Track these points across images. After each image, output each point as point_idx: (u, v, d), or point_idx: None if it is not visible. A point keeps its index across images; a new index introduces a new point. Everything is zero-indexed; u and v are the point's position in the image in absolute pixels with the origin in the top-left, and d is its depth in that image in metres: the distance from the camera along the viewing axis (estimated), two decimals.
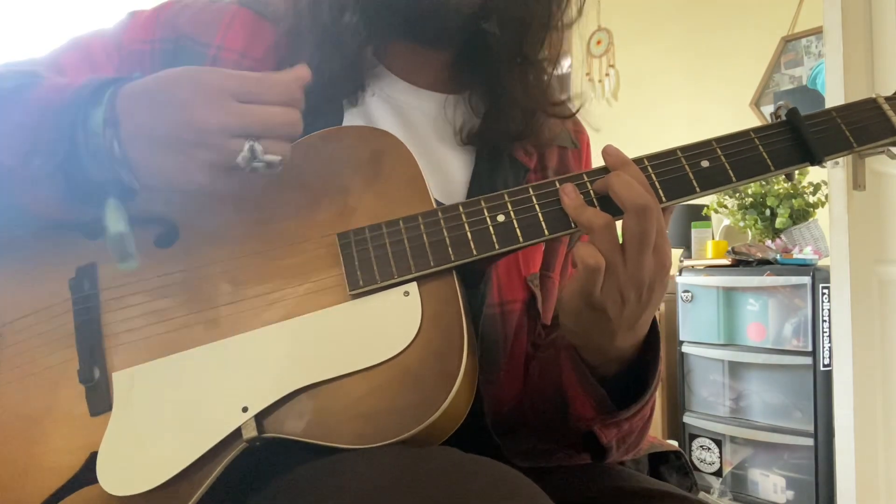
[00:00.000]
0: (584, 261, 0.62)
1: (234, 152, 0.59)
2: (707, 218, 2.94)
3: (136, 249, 0.63)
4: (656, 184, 0.67)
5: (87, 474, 0.62)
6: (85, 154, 0.61)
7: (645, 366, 0.71)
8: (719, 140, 0.70)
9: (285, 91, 0.62)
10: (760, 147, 0.70)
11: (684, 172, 0.68)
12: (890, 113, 0.72)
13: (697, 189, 0.68)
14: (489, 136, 0.80)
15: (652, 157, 0.69)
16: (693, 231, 2.98)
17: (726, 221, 2.92)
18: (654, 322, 0.70)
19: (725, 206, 2.79)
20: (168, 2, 0.81)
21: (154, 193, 0.65)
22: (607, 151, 0.67)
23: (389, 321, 0.63)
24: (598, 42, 3.75)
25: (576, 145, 0.89)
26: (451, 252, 0.65)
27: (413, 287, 0.64)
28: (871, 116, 0.72)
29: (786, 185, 2.64)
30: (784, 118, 0.71)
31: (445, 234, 0.66)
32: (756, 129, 0.71)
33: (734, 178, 0.68)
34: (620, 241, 0.63)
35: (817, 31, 2.88)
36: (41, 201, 0.66)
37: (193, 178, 0.61)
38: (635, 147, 0.70)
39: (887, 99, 0.73)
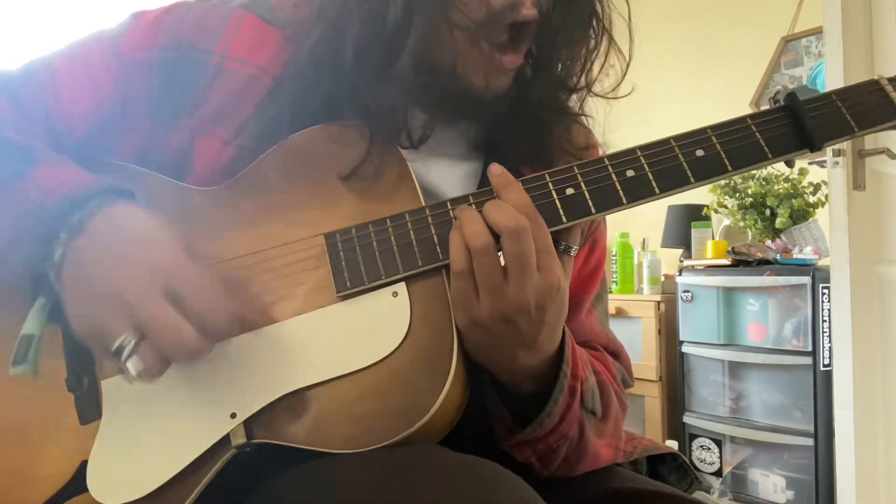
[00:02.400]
0: (452, 264, 0.62)
1: (116, 337, 0.57)
2: (707, 218, 2.93)
3: (35, 363, 0.62)
4: (648, 174, 0.66)
5: (77, 483, 0.62)
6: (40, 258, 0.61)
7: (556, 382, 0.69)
8: (715, 128, 0.68)
9: (214, 314, 0.59)
10: (757, 134, 0.67)
11: (678, 162, 0.66)
12: (893, 95, 0.69)
13: (692, 180, 0.66)
14: (499, 147, 0.78)
15: (644, 147, 0.67)
16: (693, 231, 2.97)
17: (726, 221, 2.91)
18: (563, 337, 0.68)
19: (725, 206, 2.78)
20: (172, 6, 0.78)
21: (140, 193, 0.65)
22: (492, 172, 0.66)
23: (378, 323, 0.62)
24: None
25: (589, 149, 0.87)
26: (439, 251, 0.64)
27: (401, 287, 0.64)
28: (873, 99, 0.69)
29: (786, 184, 2.64)
30: (783, 103, 0.69)
31: (433, 231, 0.65)
32: (753, 115, 0.68)
33: (730, 167, 0.66)
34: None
35: (817, 31, 2.88)
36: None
37: (90, 339, 0.60)
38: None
39: (891, 80, 0.70)
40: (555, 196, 0.66)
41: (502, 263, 0.61)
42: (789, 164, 0.70)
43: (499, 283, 0.61)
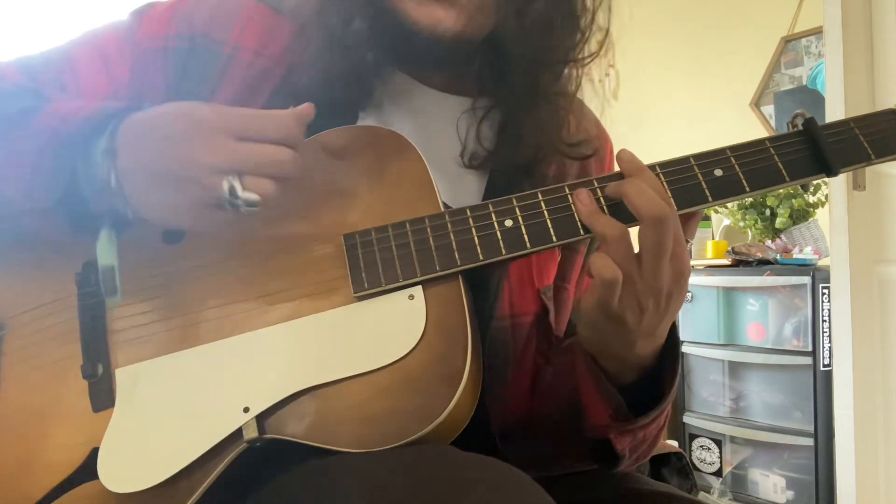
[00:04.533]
0: (600, 274, 0.61)
1: (218, 189, 0.59)
2: (707, 218, 2.94)
3: (121, 284, 0.63)
4: (667, 192, 0.66)
5: (88, 470, 0.62)
6: (84, 183, 0.62)
7: (661, 373, 0.70)
8: (734, 149, 0.69)
9: (281, 128, 0.62)
10: (776, 157, 0.68)
11: (697, 181, 0.67)
12: None
13: (710, 198, 0.67)
14: (496, 163, 0.79)
15: (664, 165, 0.68)
16: None
17: (726, 221, 2.92)
18: (673, 328, 0.70)
19: (725, 206, 2.79)
20: None
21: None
22: (621, 157, 0.66)
23: (393, 324, 0.63)
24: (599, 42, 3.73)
25: (598, 153, 0.88)
26: (457, 256, 0.65)
27: (418, 291, 0.64)
28: (890, 128, 0.70)
29: None
30: (801, 128, 0.70)
31: (452, 237, 0.66)
32: (772, 139, 0.69)
33: (748, 188, 0.68)
34: (636, 249, 0.63)
35: (817, 31, 2.88)
36: (42, 226, 0.67)
37: (181, 214, 0.61)
38: (635, 147, 0.69)
39: None
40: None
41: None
42: (804, 187, 0.71)
43: (635, 272, 0.62)
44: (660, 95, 3.48)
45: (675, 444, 2.79)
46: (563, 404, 0.75)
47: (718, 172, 0.68)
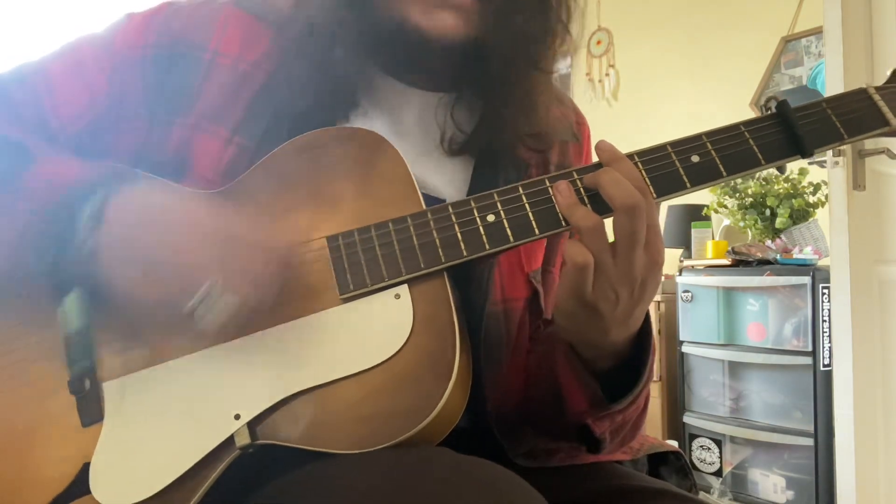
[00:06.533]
0: (572, 259, 0.62)
1: (194, 292, 0.59)
2: (707, 218, 2.94)
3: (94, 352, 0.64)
4: (646, 180, 0.67)
5: (80, 485, 0.62)
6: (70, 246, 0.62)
7: (638, 358, 0.71)
8: (709, 134, 0.69)
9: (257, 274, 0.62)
10: (751, 140, 0.69)
11: (674, 168, 0.68)
12: (881, 104, 0.71)
13: (688, 185, 0.68)
14: (477, 147, 0.79)
15: (642, 153, 0.68)
16: (693, 231, 2.97)
17: (726, 221, 2.92)
18: (646, 315, 0.70)
19: (725, 206, 2.78)
20: (160, 6, 0.79)
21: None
22: (600, 147, 0.67)
23: (381, 324, 0.63)
24: (598, 42, 3.75)
25: (577, 139, 0.89)
26: (441, 253, 0.65)
27: (404, 290, 0.64)
28: (863, 107, 0.71)
29: (786, 184, 2.64)
30: (774, 111, 0.71)
31: (435, 235, 0.66)
32: (746, 123, 0.70)
33: (725, 173, 0.68)
34: (611, 239, 0.63)
35: (817, 31, 2.88)
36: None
37: (142, 299, 0.62)
38: (635, 147, 0.69)
39: (878, 89, 0.72)
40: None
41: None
42: (781, 169, 0.73)
43: (609, 261, 0.63)
44: (660, 96, 3.49)
45: (674, 443, 2.79)
46: (546, 391, 0.75)
47: (695, 158, 0.68)
